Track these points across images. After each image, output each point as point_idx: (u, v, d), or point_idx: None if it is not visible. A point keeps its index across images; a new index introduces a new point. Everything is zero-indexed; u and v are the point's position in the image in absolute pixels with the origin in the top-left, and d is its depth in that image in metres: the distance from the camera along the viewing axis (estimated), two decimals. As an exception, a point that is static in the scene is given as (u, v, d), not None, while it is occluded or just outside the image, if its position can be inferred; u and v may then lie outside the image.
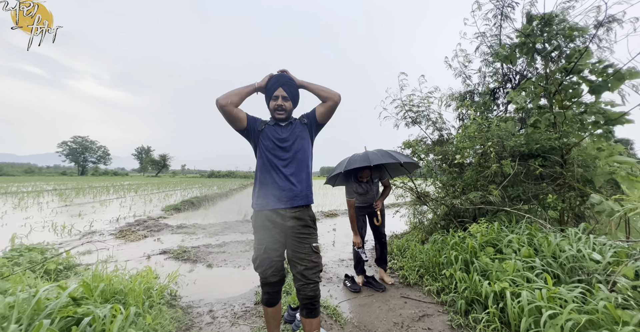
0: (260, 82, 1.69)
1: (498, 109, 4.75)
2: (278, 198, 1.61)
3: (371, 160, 2.60)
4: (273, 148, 1.65)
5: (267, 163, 1.65)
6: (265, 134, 1.68)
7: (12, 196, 11.90)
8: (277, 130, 1.69)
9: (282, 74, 1.70)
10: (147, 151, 78.52)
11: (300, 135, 1.71)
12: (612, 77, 2.93)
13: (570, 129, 3.33)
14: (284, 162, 1.65)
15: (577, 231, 2.37)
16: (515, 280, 2.03)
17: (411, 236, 4.32)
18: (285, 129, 1.70)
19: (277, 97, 1.67)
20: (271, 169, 1.64)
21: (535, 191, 3.27)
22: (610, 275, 1.78)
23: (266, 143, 1.66)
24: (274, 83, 1.67)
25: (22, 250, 3.18)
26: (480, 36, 4.41)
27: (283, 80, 1.68)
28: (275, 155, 1.65)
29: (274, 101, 1.68)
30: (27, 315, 1.35)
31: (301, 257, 1.62)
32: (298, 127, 1.72)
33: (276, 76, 1.69)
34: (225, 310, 2.40)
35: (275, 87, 1.66)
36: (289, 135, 1.68)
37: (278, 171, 1.64)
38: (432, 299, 2.59)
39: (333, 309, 2.34)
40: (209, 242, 4.75)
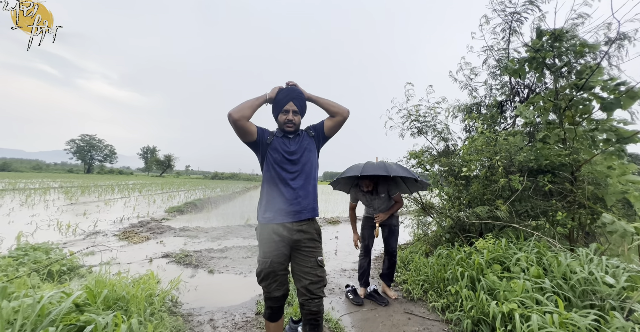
0: (270, 94, 1.69)
1: (505, 122, 4.72)
2: (286, 212, 1.60)
3: (389, 170, 2.53)
4: (282, 161, 1.65)
5: (275, 176, 1.64)
6: (273, 147, 1.67)
7: (20, 192, 12.06)
8: (285, 143, 1.69)
9: (293, 87, 1.69)
10: (153, 151, 79.38)
11: (308, 148, 1.71)
12: (624, 95, 2.90)
13: (580, 146, 3.29)
14: (292, 175, 1.64)
15: (588, 252, 2.32)
16: (524, 301, 1.98)
17: (415, 248, 4.27)
18: (293, 142, 1.70)
19: (288, 111, 1.67)
20: (279, 182, 1.63)
21: (544, 207, 3.21)
22: (624, 301, 1.72)
23: (275, 156, 1.66)
24: (284, 97, 1.67)
25: (28, 249, 3.20)
26: (487, 50, 4.42)
27: (294, 95, 1.68)
28: (283, 168, 1.64)
29: (284, 115, 1.68)
30: (31, 321, 1.35)
31: (306, 271, 1.60)
32: (306, 140, 1.72)
33: (287, 90, 1.68)
34: (225, 319, 2.37)
35: (285, 101, 1.66)
36: (297, 148, 1.68)
37: (286, 184, 1.63)
38: (436, 316, 2.54)
39: (335, 323, 2.30)
40: (211, 247, 4.73)
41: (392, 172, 2.53)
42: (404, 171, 2.66)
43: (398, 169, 2.65)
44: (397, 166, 2.75)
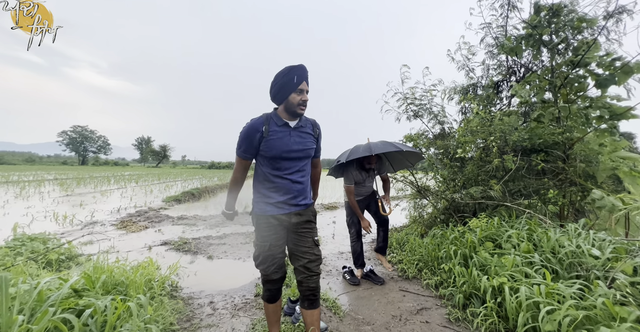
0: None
1: (501, 103, 4.69)
2: (283, 205, 1.59)
3: (372, 149, 2.64)
4: (280, 156, 1.55)
5: (272, 170, 1.58)
6: (271, 141, 1.53)
7: (14, 185, 11.94)
8: (285, 135, 1.56)
9: (303, 66, 1.53)
10: (148, 141, 78.37)
11: (309, 141, 1.64)
12: (619, 71, 2.87)
13: (574, 124, 3.29)
14: (289, 170, 1.59)
15: (576, 227, 2.38)
16: (514, 275, 2.04)
17: (410, 230, 4.35)
18: (295, 133, 1.58)
19: (303, 90, 1.53)
20: (276, 177, 1.58)
21: (536, 186, 3.26)
22: (609, 271, 1.78)
23: (273, 153, 1.54)
24: (300, 74, 1.50)
25: (25, 240, 3.20)
26: (485, 27, 4.30)
27: (306, 74, 1.53)
28: (281, 162, 1.57)
29: (298, 95, 1.52)
30: (29, 306, 1.36)
31: (304, 251, 1.63)
32: (308, 133, 1.64)
33: (300, 68, 1.51)
34: (225, 301, 2.43)
35: (300, 80, 1.51)
36: (298, 142, 1.59)
37: (283, 177, 1.58)
38: (430, 292, 2.62)
39: (332, 302, 2.37)
40: (210, 234, 4.78)
41: (375, 150, 2.65)
42: (389, 146, 2.80)
43: (382, 145, 2.80)
44: (382, 142, 2.89)
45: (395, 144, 2.85)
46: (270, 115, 1.58)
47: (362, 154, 2.65)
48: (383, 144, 2.81)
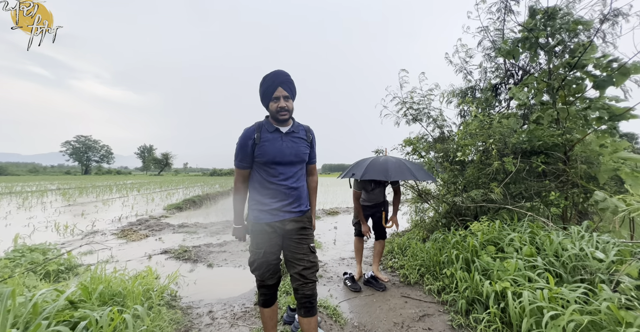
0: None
1: (500, 105, 4.69)
2: (278, 212, 1.58)
3: (389, 175, 2.54)
4: (273, 162, 1.56)
5: (267, 177, 1.58)
6: (264, 147, 1.54)
7: (17, 195, 12.00)
8: (277, 140, 1.57)
9: (278, 72, 1.55)
10: (150, 150, 78.84)
11: (302, 146, 1.64)
12: (617, 72, 2.86)
13: (573, 125, 3.27)
14: (283, 176, 1.58)
15: (579, 229, 2.34)
16: (517, 279, 2.00)
17: (412, 234, 4.30)
18: (287, 138, 1.59)
19: (278, 98, 1.53)
20: (270, 183, 1.57)
21: (537, 188, 3.22)
22: (613, 274, 1.74)
23: (266, 158, 1.55)
24: (271, 83, 1.53)
25: (24, 250, 3.19)
26: (483, 30, 4.34)
27: (281, 79, 1.54)
28: (275, 168, 1.57)
29: (275, 103, 1.54)
30: (23, 319, 1.35)
31: (299, 257, 1.61)
32: (301, 137, 1.64)
33: (272, 75, 1.54)
34: (225, 311, 2.40)
35: (273, 88, 1.53)
36: (290, 147, 1.59)
37: (278, 184, 1.57)
38: (432, 298, 2.58)
39: (333, 309, 2.33)
40: (210, 242, 4.75)
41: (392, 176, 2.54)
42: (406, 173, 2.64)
43: (399, 171, 2.65)
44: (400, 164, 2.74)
45: (412, 170, 2.70)
46: (262, 123, 1.61)
47: (378, 177, 2.56)
48: (400, 167, 2.68)
